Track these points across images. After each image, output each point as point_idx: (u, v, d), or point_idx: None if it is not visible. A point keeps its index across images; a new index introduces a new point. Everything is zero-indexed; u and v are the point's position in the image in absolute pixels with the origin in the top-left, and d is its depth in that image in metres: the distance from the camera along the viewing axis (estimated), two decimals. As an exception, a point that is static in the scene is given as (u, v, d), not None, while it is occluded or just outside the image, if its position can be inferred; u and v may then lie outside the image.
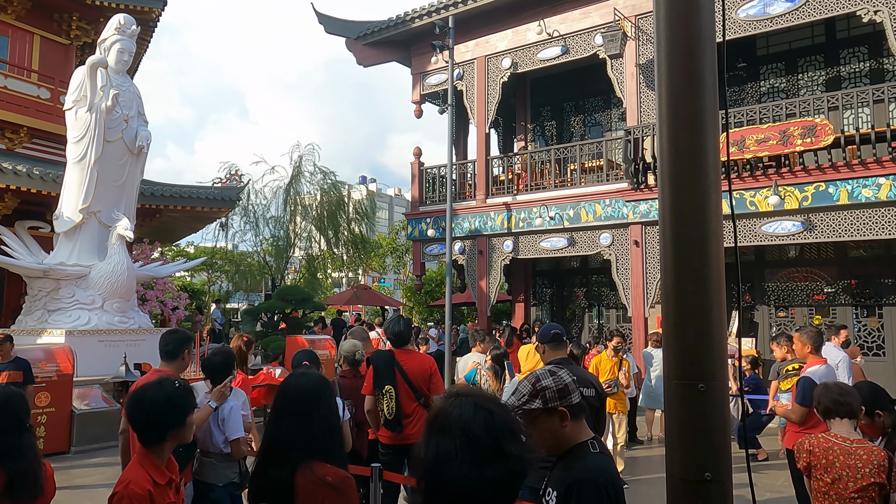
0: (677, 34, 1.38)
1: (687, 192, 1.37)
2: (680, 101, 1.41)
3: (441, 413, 1.44)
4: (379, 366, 5.23)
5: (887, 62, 12.44)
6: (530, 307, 16.57)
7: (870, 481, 3.16)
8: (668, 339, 1.38)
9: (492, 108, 14.68)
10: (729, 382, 7.79)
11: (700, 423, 1.31)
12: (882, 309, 12.22)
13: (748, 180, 11.26)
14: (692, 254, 1.35)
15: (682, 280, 1.37)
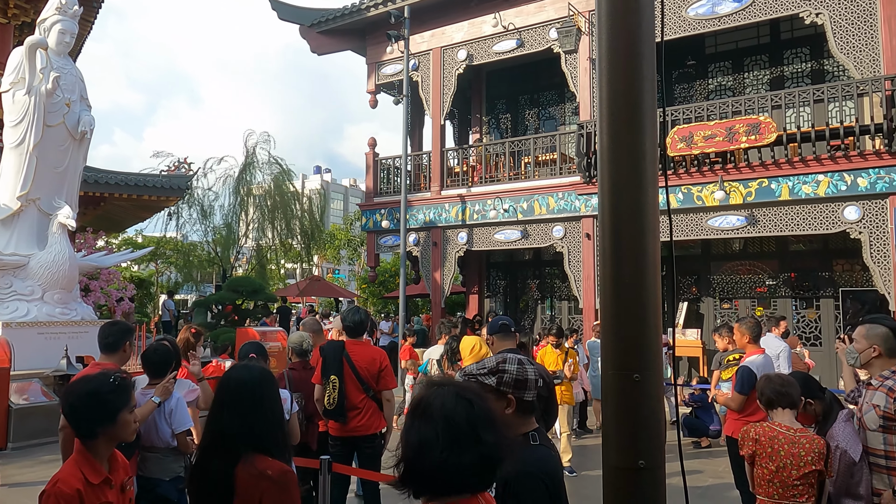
0: (617, 31, 1.40)
1: (625, 186, 1.40)
2: (619, 97, 1.43)
3: (423, 401, 1.50)
4: (328, 356, 5.19)
5: (827, 63, 12.91)
6: (484, 299, 16.68)
7: (811, 468, 3.29)
8: (605, 330, 1.42)
9: (447, 100, 14.67)
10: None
11: (635, 413, 1.35)
12: (819, 301, 12.73)
13: (696, 175, 11.57)
14: (629, 247, 1.38)
15: (620, 272, 1.40)
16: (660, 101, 1.41)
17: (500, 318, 4.39)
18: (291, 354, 5.59)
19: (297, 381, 5.25)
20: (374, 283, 24.47)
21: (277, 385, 2.48)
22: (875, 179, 10.17)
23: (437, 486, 1.42)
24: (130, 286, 15.70)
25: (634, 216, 1.37)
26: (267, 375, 2.44)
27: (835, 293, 12.58)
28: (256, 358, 4.46)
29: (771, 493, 3.44)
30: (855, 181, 10.31)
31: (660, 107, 1.38)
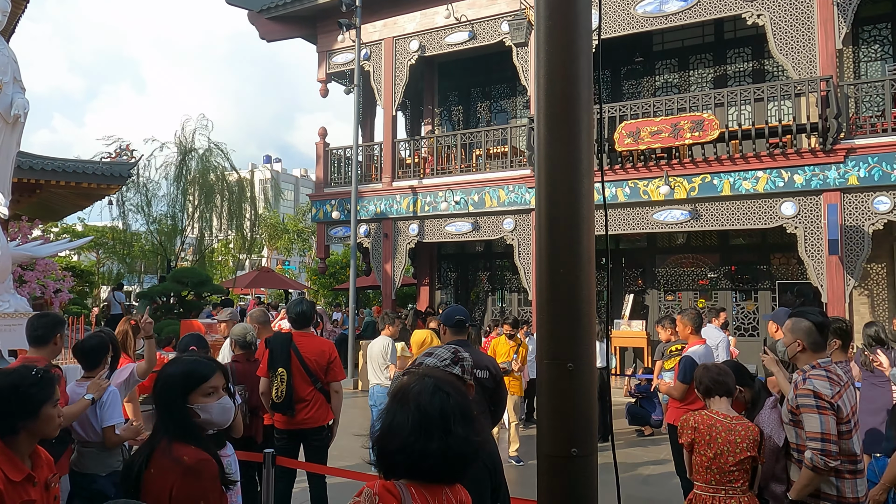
0: (555, 23, 1.41)
1: (561, 178, 1.41)
2: (556, 90, 1.44)
3: (403, 388, 1.57)
4: (275, 348, 5.11)
5: (768, 63, 13.34)
6: (435, 290, 16.71)
7: (746, 455, 3.39)
8: (540, 320, 1.43)
9: (399, 91, 14.58)
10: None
11: (568, 401, 1.37)
12: (757, 293, 13.21)
13: (642, 170, 11.81)
14: (564, 237, 1.40)
15: (554, 263, 1.41)
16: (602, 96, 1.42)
17: (456, 312, 4.39)
18: (234, 346, 5.48)
19: (240, 373, 5.16)
20: (324, 274, 24.22)
21: (197, 375, 2.40)
22: (810, 177, 10.58)
23: (402, 468, 1.49)
24: (69, 277, 15.12)
25: (570, 208, 1.39)
26: (195, 369, 2.38)
27: (772, 286, 13.08)
28: (197, 350, 4.35)
29: (708, 480, 3.53)
30: (791, 178, 10.70)
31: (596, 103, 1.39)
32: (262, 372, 5.11)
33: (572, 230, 1.39)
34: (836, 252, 10.09)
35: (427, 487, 1.49)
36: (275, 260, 50.86)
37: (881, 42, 12.68)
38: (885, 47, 12.63)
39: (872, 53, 12.74)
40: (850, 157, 10.31)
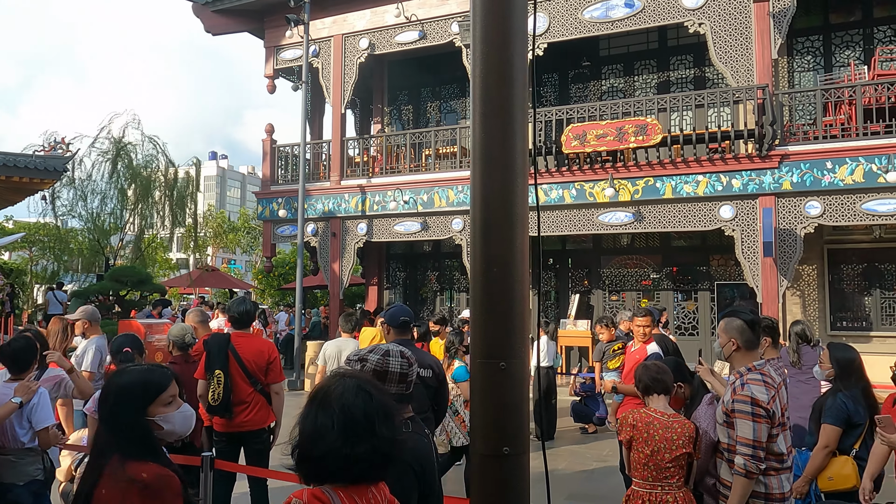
0: (490, 25, 1.42)
1: (495, 178, 1.42)
2: (491, 91, 1.45)
3: (324, 390, 1.51)
4: (212, 349, 4.98)
5: (709, 71, 13.77)
6: (384, 290, 16.63)
7: (682, 452, 3.46)
8: (474, 319, 1.43)
9: (348, 89, 14.45)
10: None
11: (501, 400, 1.37)
12: (697, 293, 13.63)
13: (588, 172, 12.03)
14: (498, 238, 1.40)
15: (488, 263, 1.41)
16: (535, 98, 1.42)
17: (401, 313, 4.36)
18: (172, 347, 5.32)
19: (178, 375, 5.00)
20: (270, 273, 23.80)
21: (162, 389, 2.27)
22: (747, 181, 10.97)
23: (328, 473, 1.45)
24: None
25: (504, 208, 1.39)
26: (148, 379, 2.24)
27: (711, 286, 13.51)
28: (131, 352, 4.19)
29: (645, 476, 3.59)
30: (730, 182, 11.07)
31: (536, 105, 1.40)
32: (199, 374, 4.98)
33: (506, 230, 1.40)
34: (771, 254, 10.49)
35: (354, 489, 1.46)
36: (220, 258, 49.75)
37: (813, 53, 13.24)
38: (816, 58, 13.21)
39: (805, 64, 13.30)
40: (784, 163, 10.74)
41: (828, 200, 10.58)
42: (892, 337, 11.94)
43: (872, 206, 10.33)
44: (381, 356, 2.17)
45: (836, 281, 12.62)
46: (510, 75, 1.43)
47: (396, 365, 2.15)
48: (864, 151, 10.31)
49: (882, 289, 12.34)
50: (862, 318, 12.41)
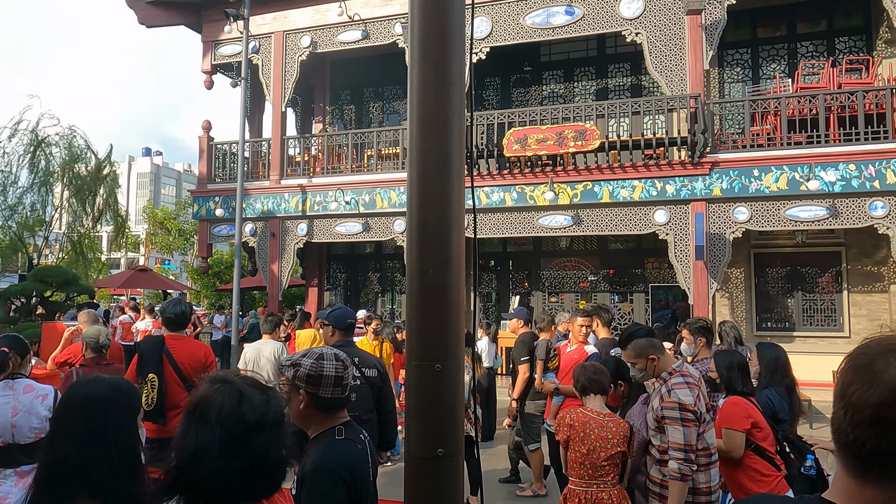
0: (428, 27, 1.42)
1: (431, 180, 1.42)
2: (428, 92, 1.45)
3: (202, 400, 1.34)
4: (145, 352, 4.82)
5: (644, 79, 14.19)
6: (324, 291, 16.43)
7: (616, 450, 3.55)
8: (410, 321, 1.43)
9: (289, 87, 14.21)
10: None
11: (435, 402, 1.37)
12: (633, 295, 14.01)
13: (529, 176, 12.20)
14: (434, 240, 1.40)
15: (424, 265, 1.41)
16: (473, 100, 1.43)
17: (347, 316, 4.34)
18: (86, 349, 5.10)
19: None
20: (206, 274, 23.14)
21: (132, 405, 1.87)
22: (680, 187, 11.35)
23: (215, 493, 1.28)
24: None
25: (440, 210, 1.39)
26: (117, 392, 1.81)
27: (646, 288, 13.91)
28: (8, 353, 3.92)
29: (582, 475, 3.67)
30: (664, 188, 11.43)
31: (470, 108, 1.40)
32: (131, 377, 4.79)
33: (442, 232, 1.40)
34: (702, 257, 10.89)
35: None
36: (153, 258, 48.05)
37: (742, 65, 13.83)
38: (745, 70, 13.79)
39: (735, 75, 13.87)
40: (714, 170, 11.16)
41: (754, 206, 11.06)
42: (813, 337, 12.58)
43: (795, 213, 10.86)
44: (315, 360, 2.13)
45: (762, 284, 13.21)
46: (448, 78, 1.44)
47: (331, 368, 2.11)
48: (788, 160, 10.83)
49: (804, 291, 12.98)
50: (785, 319, 13.03)
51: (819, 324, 12.82)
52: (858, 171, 10.49)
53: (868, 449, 0.96)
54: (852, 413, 0.98)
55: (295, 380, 2.10)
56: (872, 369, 0.98)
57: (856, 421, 0.97)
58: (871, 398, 0.95)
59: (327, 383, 2.08)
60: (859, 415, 0.97)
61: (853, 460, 0.99)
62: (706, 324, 5.76)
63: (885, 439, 0.94)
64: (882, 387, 0.95)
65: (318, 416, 2.12)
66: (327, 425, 2.13)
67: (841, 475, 1.02)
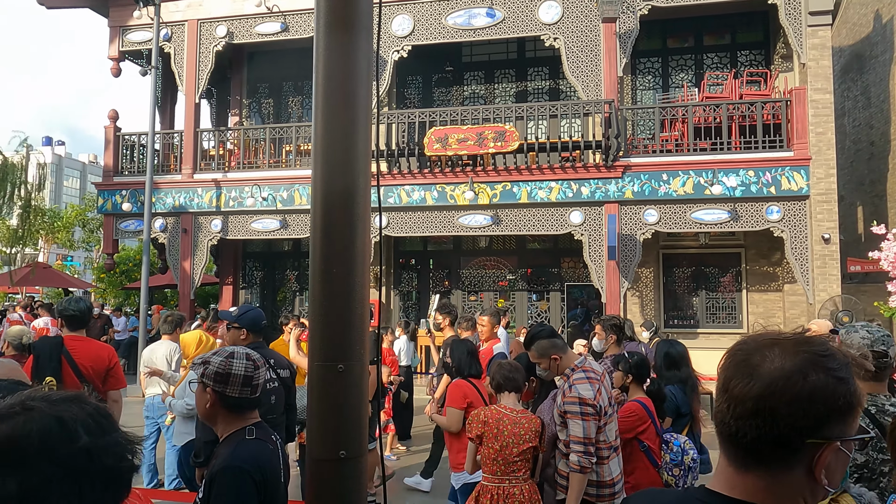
0: (334, 21, 1.40)
1: (336, 178, 1.39)
2: (333, 88, 1.43)
3: (9, 438, 0.95)
4: (42, 354, 4.51)
5: (562, 83, 14.55)
6: (239, 290, 15.95)
7: (528, 445, 3.62)
8: (313, 321, 1.40)
9: (203, 77, 13.70)
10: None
11: (338, 403, 1.35)
12: (549, 294, 14.36)
13: (449, 175, 12.28)
14: (338, 238, 1.38)
15: (328, 263, 1.39)
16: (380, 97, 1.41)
17: (260, 318, 4.23)
18: (6, 347, 4.76)
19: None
20: (111, 271, 21.97)
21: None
22: (594, 189, 11.73)
23: None
24: None
25: (344, 208, 1.37)
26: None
27: (562, 287, 14.29)
28: None
29: (494, 471, 3.71)
30: (579, 190, 11.78)
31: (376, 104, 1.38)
32: (25, 381, 4.49)
33: (347, 231, 1.38)
34: (614, 257, 11.29)
35: None
36: (54, 254, 45.24)
37: (653, 74, 14.43)
38: (656, 78, 14.40)
39: (647, 83, 14.45)
40: (626, 174, 11.60)
41: (663, 209, 11.57)
42: (716, 333, 13.28)
43: (700, 216, 11.44)
44: (225, 358, 2.10)
45: (670, 283, 13.85)
46: (353, 72, 1.42)
47: (241, 367, 2.07)
48: (694, 166, 11.39)
49: (707, 290, 13.70)
50: (691, 316, 13.70)
51: (721, 321, 13.56)
52: (757, 178, 11.16)
53: (749, 439, 1.02)
54: (734, 406, 1.04)
55: (203, 377, 2.07)
56: (750, 363, 1.04)
57: (738, 413, 1.03)
58: (752, 391, 1.01)
59: (235, 382, 2.06)
60: (741, 407, 1.02)
61: (735, 450, 1.05)
62: (619, 321, 5.98)
63: (765, 429, 1.00)
64: (760, 380, 1.01)
65: (225, 415, 2.09)
66: (237, 425, 2.10)
67: (724, 465, 1.08)
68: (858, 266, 13.62)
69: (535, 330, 3.76)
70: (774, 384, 1.00)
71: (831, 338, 2.09)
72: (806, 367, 1.01)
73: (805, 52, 11.31)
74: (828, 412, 1.00)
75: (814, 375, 1.00)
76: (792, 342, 1.05)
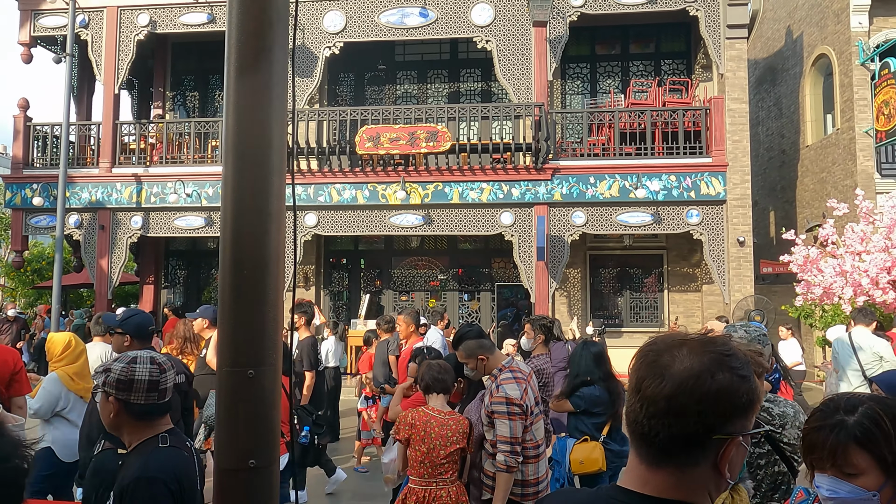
0: (246, 10, 1.34)
1: (247, 175, 1.34)
2: (245, 81, 1.37)
3: None
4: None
5: (494, 86, 14.70)
6: (161, 289, 15.35)
7: (455, 447, 3.61)
8: (222, 325, 1.34)
9: (124, 67, 13.10)
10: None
11: (248, 411, 1.30)
12: (480, 294, 14.49)
13: (381, 174, 12.20)
14: (250, 238, 1.33)
15: (238, 264, 1.33)
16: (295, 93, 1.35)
17: (147, 323, 3.99)
18: None
19: None
20: (20, 269, 20.73)
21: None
22: (524, 191, 11.90)
23: None
24: None
25: (256, 207, 1.32)
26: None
27: (492, 287, 14.44)
28: None
29: (422, 473, 3.68)
30: (510, 191, 11.93)
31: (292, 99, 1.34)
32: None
33: (259, 230, 1.33)
34: (543, 258, 11.49)
35: None
36: (-43, 251, 42.29)
37: (582, 79, 14.78)
38: (584, 84, 14.76)
39: (576, 88, 14.79)
40: (555, 176, 11.83)
41: (590, 211, 11.87)
42: (639, 332, 13.73)
43: (625, 218, 11.79)
44: (127, 364, 1.99)
45: (596, 283, 14.22)
46: (268, 67, 1.37)
47: (144, 372, 1.97)
48: (620, 170, 11.74)
49: (631, 290, 14.14)
50: (616, 315, 14.11)
51: (644, 319, 14.03)
52: (678, 182, 11.60)
53: (662, 437, 1.04)
54: (647, 405, 1.06)
55: (105, 386, 1.96)
56: (661, 364, 1.07)
57: (651, 412, 1.05)
58: (664, 391, 1.04)
59: (140, 389, 1.96)
60: (654, 407, 1.05)
61: (648, 448, 1.07)
62: (548, 322, 6.07)
63: (676, 427, 1.03)
64: (671, 380, 1.04)
65: (132, 424, 1.99)
66: (147, 434, 2.01)
67: (635, 463, 1.10)
68: (770, 268, 14.39)
69: (462, 330, 3.77)
70: (685, 384, 1.03)
71: (731, 336, 2.17)
72: (713, 367, 1.04)
73: (723, 63, 11.84)
74: (733, 408, 1.04)
75: (720, 374, 1.04)
76: (698, 343, 1.08)
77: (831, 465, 1.48)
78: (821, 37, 14.35)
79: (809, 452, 1.55)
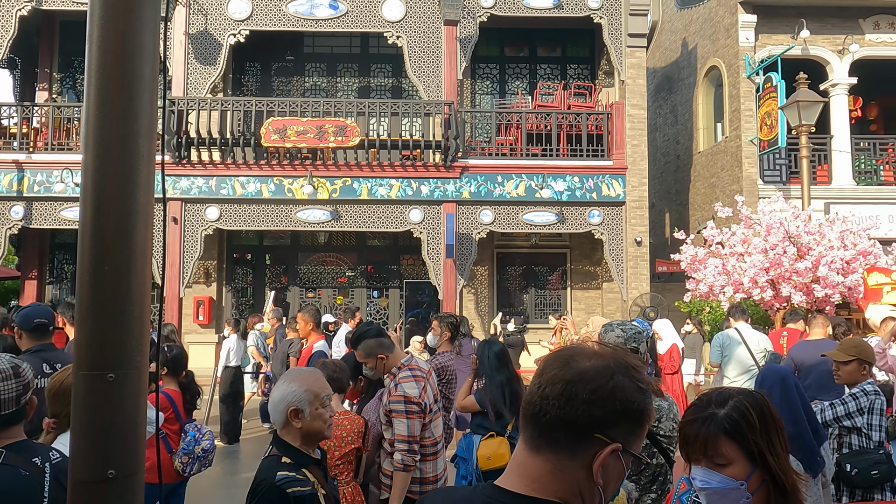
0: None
1: (109, 163, 1.24)
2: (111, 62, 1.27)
3: None
4: None
5: (405, 82, 14.66)
6: (46, 285, 14.30)
7: (350, 448, 3.55)
8: (79, 324, 1.23)
9: (4, 45, 12.09)
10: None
11: (107, 417, 1.20)
12: (388, 291, 14.42)
13: (287, 168, 11.89)
14: (112, 232, 1.23)
15: (98, 260, 1.23)
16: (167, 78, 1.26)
17: (36, 314, 3.69)
18: None
19: None
20: None
21: None
22: (434, 188, 11.94)
23: None
24: None
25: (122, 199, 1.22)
26: None
27: (401, 284, 14.41)
28: None
29: (316, 476, 3.60)
30: (419, 188, 11.94)
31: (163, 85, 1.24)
32: None
33: (122, 224, 1.23)
34: (451, 255, 11.58)
35: None
36: None
37: (491, 79, 15.00)
38: (493, 84, 14.98)
39: (485, 88, 14.99)
40: (464, 175, 11.94)
41: (498, 210, 12.06)
42: (543, 329, 14.09)
43: (531, 217, 12.07)
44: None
45: (503, 280, 14.48)
46: (135, 49, 1.27)
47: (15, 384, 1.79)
48: (527, 170, 12.00)
49: (536, 287, 14.51)
50: (522, 312, 14.42)
51: (548, 316, 14.41)
52: (581, 184, 12.00)
53: (549, 417, 1.06)
54: (545, 386, 1.09)
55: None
56: (569, 358, 1.11)
57: (546, 393, 1.08)
58: (565, 376, 1.08)
59: (6, 399, 1.77)
60: (551, 387, 1.08)
61: (532, 430, 1.09)
62: (455, 320, 6.09)
63: (564, 410, 1.05)
64: (574, 369, 1.08)
65: None
66: None
67: (519, 449, 1.11)
68: (665, 267, 15.14)
69: (361, 329, 3.71)
70: (585, 373, 1.07)
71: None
72: (616, 370, 1.08)
73: (624, 70, 12.34)
74: (623, 411, 1.07)
75: (620, 378, 1.08)
76: (610, 353, 1.12)
77: (704, 456, 1.56)
78: (713, 49, 15.23)
79: (685, 445, 1.62)
